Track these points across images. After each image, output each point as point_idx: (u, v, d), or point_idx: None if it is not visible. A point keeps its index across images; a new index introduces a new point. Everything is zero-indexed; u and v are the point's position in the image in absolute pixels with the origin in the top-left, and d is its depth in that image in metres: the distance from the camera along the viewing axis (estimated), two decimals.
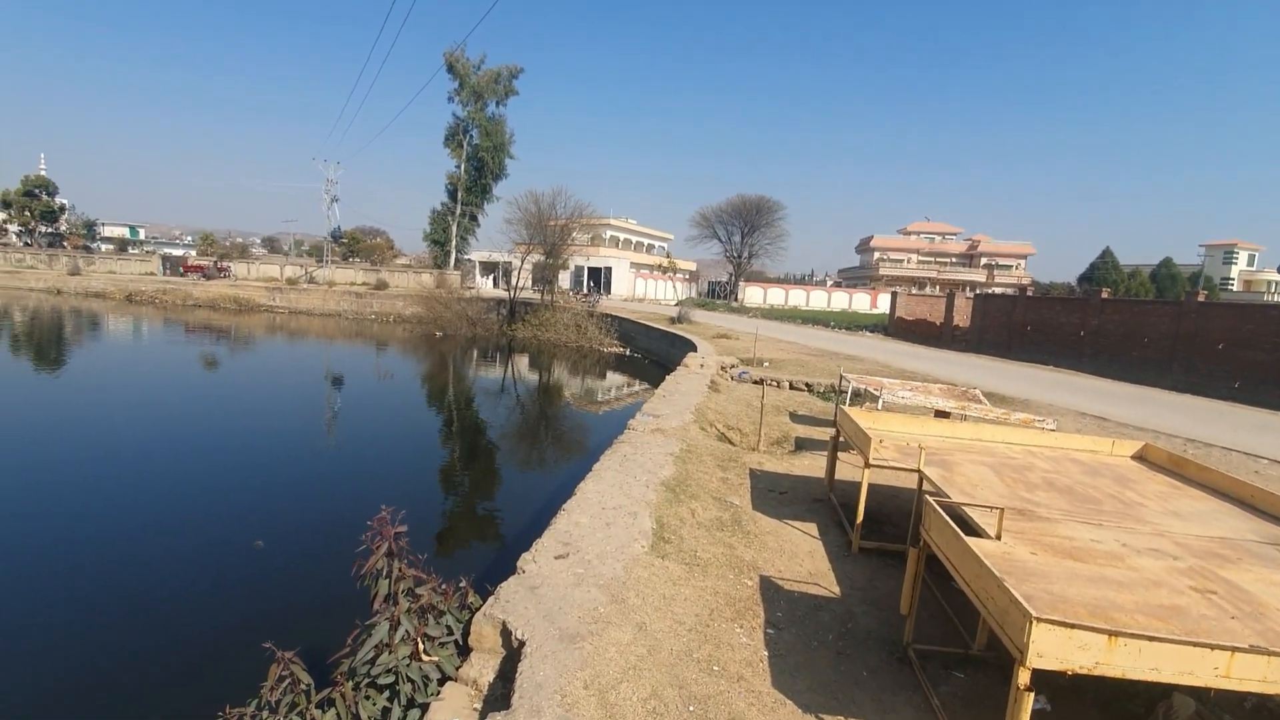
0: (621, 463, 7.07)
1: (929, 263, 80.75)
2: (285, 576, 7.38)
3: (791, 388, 14.32)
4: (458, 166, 47.36)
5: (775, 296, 61.03)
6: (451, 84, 46.00)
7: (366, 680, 3.55)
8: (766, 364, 16.93)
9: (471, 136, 46.68)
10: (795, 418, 11.21)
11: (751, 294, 60.59)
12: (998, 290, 59.69)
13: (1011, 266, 78.10)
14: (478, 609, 4.01)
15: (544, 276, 38.14)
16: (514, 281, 38.55)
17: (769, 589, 4.63)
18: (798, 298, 61.54)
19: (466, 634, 3.87)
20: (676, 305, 41.37)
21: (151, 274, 52.60)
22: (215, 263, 53.43)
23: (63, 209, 69.50)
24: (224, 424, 14.54)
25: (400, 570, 3.77)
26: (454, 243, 49.17)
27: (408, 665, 3.57)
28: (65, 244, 66.22)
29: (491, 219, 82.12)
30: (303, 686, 3.44)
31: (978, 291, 40.09)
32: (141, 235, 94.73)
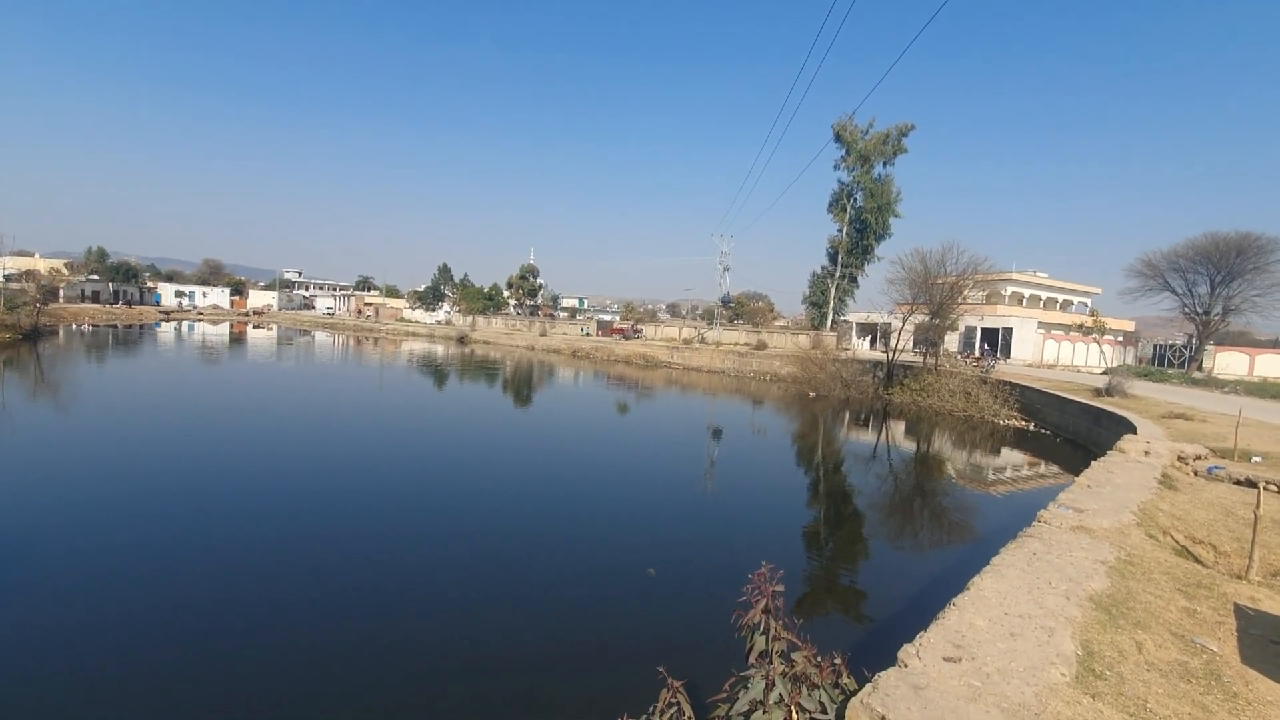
0: (1030, 561, 5.90)
1: None
2: (666, 607, 8.18)
3: None
4: (840, 230, 48.04)
5: (1269, 366, 44.25)
6: (839, 152, 47.34)
7: None
8: (1258, 459, 12.28)
9: (855, 200, 46.96)
10: None
11: (1225, 361, 45.16)
12: None
13: None
14: (853, 693, 3.76)
15: (928, 338, 35.30)
16: (893, 343, 36.68)
17: None
18: None
19: (840, 717, 3.65)
20: (1105, 373, 33.47)
21: (589, 335, 66.75)
22: (632, 325, 65.06)
23: (541, 287, 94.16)
24: (625, 459, 17.26)
25: (776, 631, 3.80)
26: (831, 304, 49.62)
27: None
28: (539, 312, 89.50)
29: (872, 280, 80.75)
30: (686, 717, 3.70)
31: None
32: (585, 305, 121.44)
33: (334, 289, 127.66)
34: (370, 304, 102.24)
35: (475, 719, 5.75)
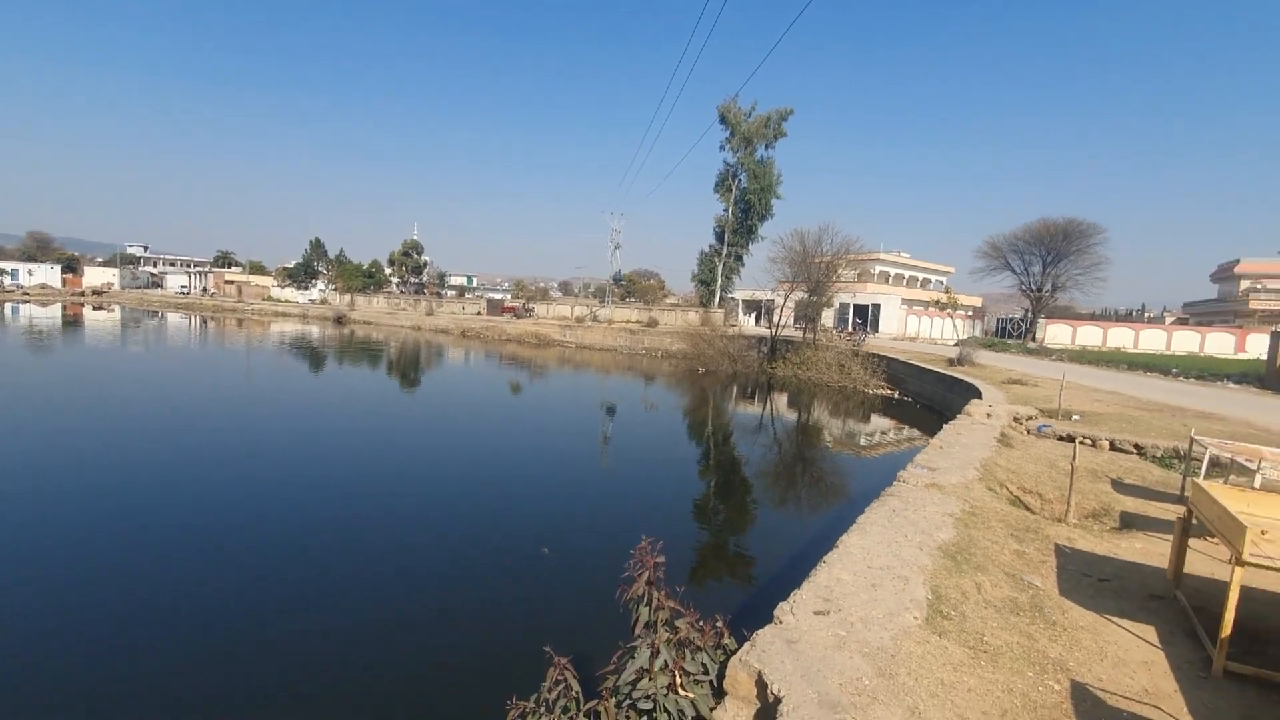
0: (890, 518, 6.47)
1: None
2: (558, 584, 8.23)
3: (1113, 448, 11.71)
4: (726, 210, 49.51)
5: (1088, 336, 51.01)
6: (723, 133, 48.58)
7: (628, 701, 3.73)
8: (1077, 417, 14.14)
9: (740, 180, 48.49)
10: (1119, 486, 9.11)
11: (1055, 333, 51.50)
12: None
13: None
14: (733, 652, 3.96)
15: (807, 314, 37.46)
16: (776, 319, 38.57)
17: (1084, 700, 3.75)
18: (1121, 337, 50.60)
19: (721, 676, 3.84)
20: (956, 345, 37.08)
21: (479, 314, 64.72)
22: (524, 304, 63.77)
23: (425, 264, 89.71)
24: (519, 439, 17.04)
25: (659, 600, 3.92)
26: (719, 282, 51.22)
27: (665, 696, 3.67)
28: (425, 290, 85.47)
29: (756, 258, 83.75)
30: (574, 693, 3.75)
31: None
32: (474, 282, 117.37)
33: (188, 265, 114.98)
34: (232, 281, 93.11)
35: (362, 709, 5.53)
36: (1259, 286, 62.39)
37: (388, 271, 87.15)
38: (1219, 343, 48.36)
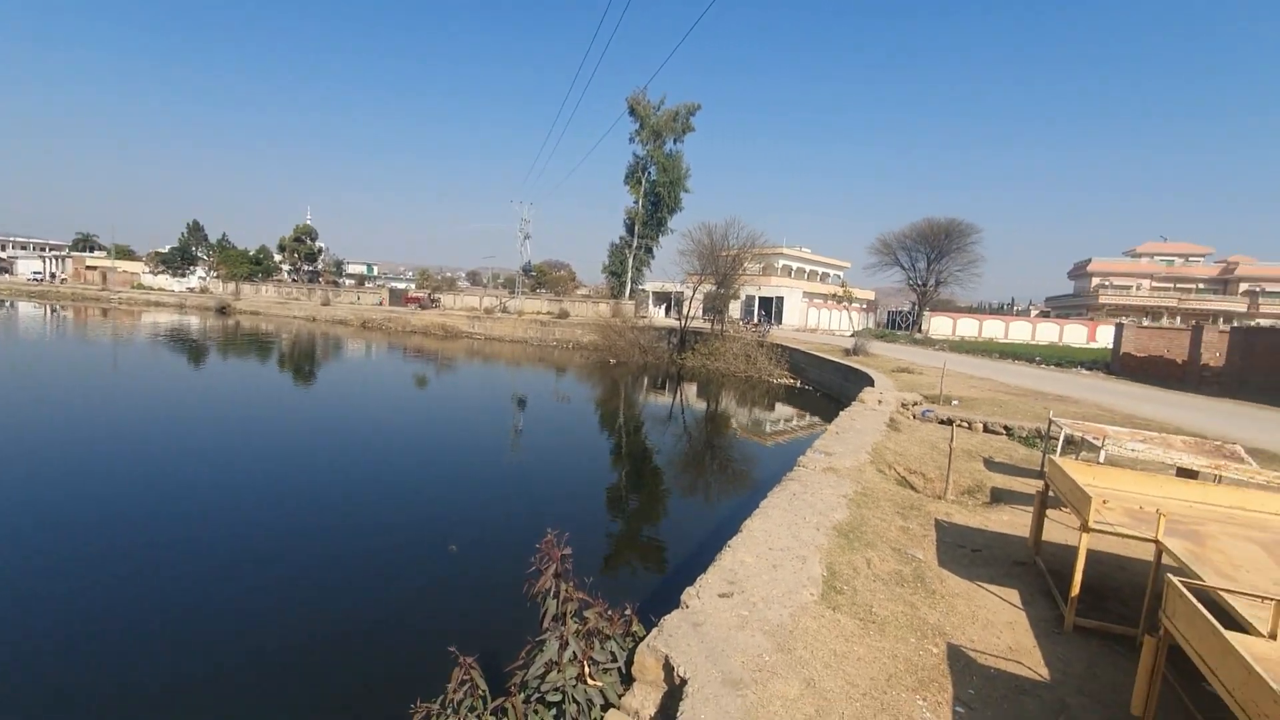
0: (790, 501, 6.79)
1: (1166, 289, 68.73)
2: (467, 582, 8.05)
3: (986, 430, 12.84)
4: (636, 202, 49.83)
5: (966, 327, 55.57)
6: (633, 125, 48.81)
7: (536, 695, 3.72)
8: (956, 402, 15.38)
9: (650, 173, 48.93)
10: (991, 465, 10.01)
11: (938, 324, 55.75)
12: (1264, 323, 48.93)
13: None
14: (641, 639, 4.04)
15: (715, 306, 38.47)
16: (685, 311, 39.36)
17: (959, 660, 4.11)
18: (994, 329, 55.48)
19: (630, 663, 3.91)
20: (852, 336, 39.34)
21: (381, 304, 61.71)
22: (429, 295, 61.43)
23: (320, 251, 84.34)
24: (428, 436, 16.48)
25: (568, 592, 3.93)
26: (630, 274, 51.57)
27: (574, 687, 3.69)
28: (320, 279, 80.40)
29: (666, 251, 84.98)
30: (481, 692, 3.70)
31: (1236, 324, 33.14)
32: (375, 271, 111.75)
33: (43, 249, 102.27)
34: (95, 267, 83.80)
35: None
36: (1107, 283, 70.24)
37: (278, 258, 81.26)
38: (1074, 333, 54.01)
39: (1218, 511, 4.87)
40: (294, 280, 77.29)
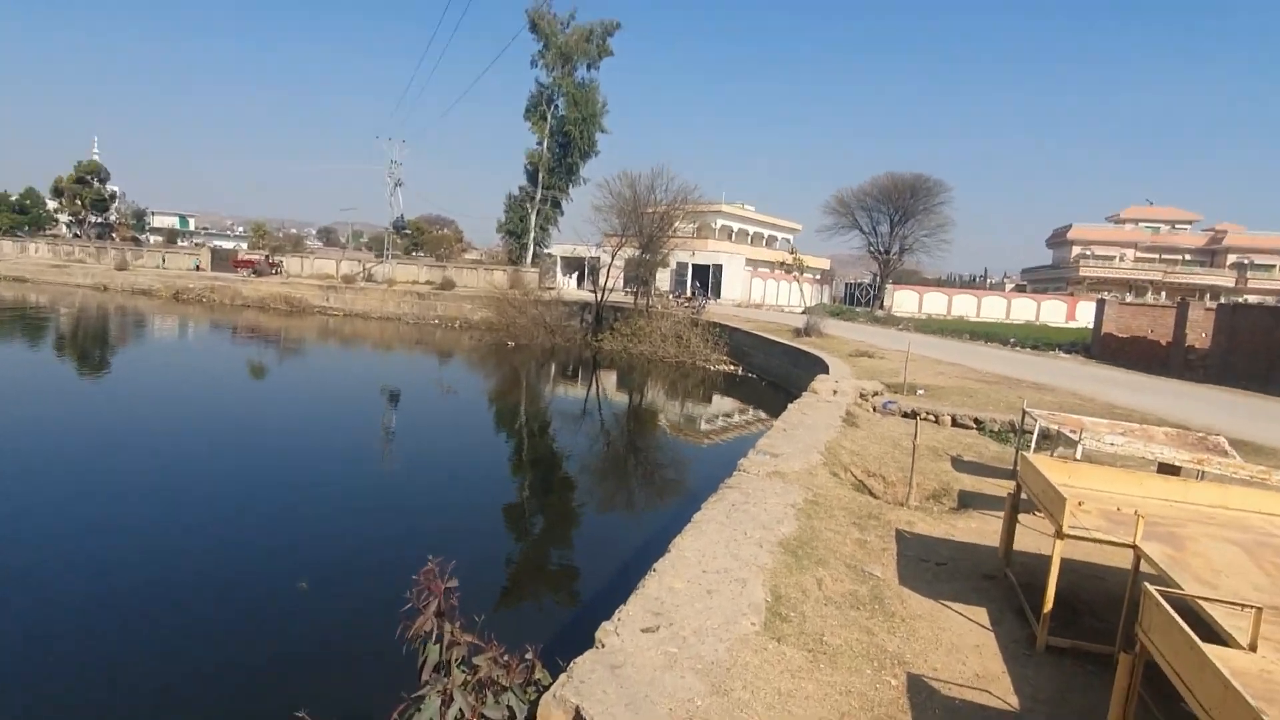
0: (729, 513, 6.98)
1: (1151, 260, 75.03)
2: (324, 627, 7.83)
3: (955, 424, 13.66)
4: (539, 143, 49.18)
5: (934, 303, 58.66)
6: (536, 45, 47.99)
7: None
8: (921, 392, 16.26)
9: (557, 107, 48.37)
10: (959, 464, 10.66)
11: (902, 299, 58.55)
12: (1252, 299, 54.37)
13: (1275, 267, 71.00)
14: (547, 687, 4.06)
15: (639, 275, 38.66)
16: (602, 281, 39.34)
17: (920, 693, 4.39)
18: (965, 305, 58.86)
19: (531, 718, 3.92)
20: (804, 313, 40.67)
21: (199, 269, 58.21)
22: (267, 258, 58.45)
23: (113, 197, 78.47)
24: (268, 442, 15.77)
25: (453, 634, 3.89)
26: (533, 234, 51.00)
27: None
28: (114, 235, 74.80)
29: (578, 205, 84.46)
30: None
31: (1222, 300, 36.71)
32: (192, 225, 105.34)
33: None
34: None
35: None
36: (1089, 253, 75.83)
37: (52, 206, 75.14)
38: (1052, 310, 58.09)
39: (1198, 511, 5.40)
40: (76, 236, 71.57)
